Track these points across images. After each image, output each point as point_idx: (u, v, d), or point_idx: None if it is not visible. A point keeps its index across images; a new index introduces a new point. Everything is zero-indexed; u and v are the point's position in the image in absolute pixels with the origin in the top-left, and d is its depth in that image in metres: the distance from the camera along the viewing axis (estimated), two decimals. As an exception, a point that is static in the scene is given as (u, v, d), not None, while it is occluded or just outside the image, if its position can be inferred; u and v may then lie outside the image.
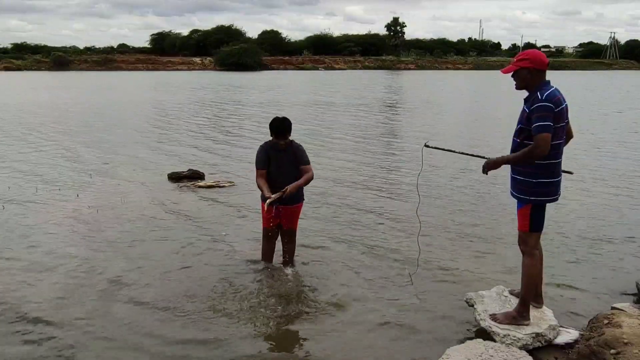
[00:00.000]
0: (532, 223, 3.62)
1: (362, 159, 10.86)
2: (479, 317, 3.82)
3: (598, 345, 3.47)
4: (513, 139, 3.68)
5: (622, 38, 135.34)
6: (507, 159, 3.61)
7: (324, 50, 78.94)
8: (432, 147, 4.44)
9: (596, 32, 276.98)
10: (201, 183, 8.51)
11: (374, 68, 71.54)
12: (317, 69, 68.91)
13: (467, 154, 4.54)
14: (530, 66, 3.51)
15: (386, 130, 15.78)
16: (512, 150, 3.68)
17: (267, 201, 4.47)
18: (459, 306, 4.29)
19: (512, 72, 3.61)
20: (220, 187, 8.38)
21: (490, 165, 3.70)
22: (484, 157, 4.23)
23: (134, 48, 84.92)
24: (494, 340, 3.48)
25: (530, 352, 3.41)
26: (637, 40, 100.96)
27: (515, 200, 3.73)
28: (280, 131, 4.63)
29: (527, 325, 3.65)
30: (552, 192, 3.60)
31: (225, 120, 17.72)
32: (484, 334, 3.66)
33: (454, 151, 4.50)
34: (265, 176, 4.69)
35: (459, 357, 2.93)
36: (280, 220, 4.85)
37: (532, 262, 3.67)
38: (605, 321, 3.76)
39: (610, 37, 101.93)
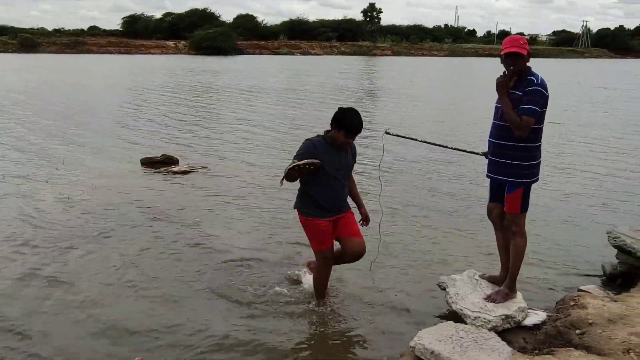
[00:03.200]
0: (523, 204, 3.72)
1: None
2: (451, 300, 3.89)
3: (564, 326, 3.57)
4: (493, 122, 3.75)
5: (594, 27, 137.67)
6: (507, 107, 3.56)
7: (300, 35, 78.30)
8: (392, 135, 4.46)
9: (568, 20, 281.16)
10: (175, 168, 8.42)
11: (350, 54, 71.26)
12: (293, 54, 68.34)
13: (428, 142, 4.58)
14: (529, 51, 3.60)
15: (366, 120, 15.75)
16: (492, 132, 3.74)
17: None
18: (431, 290, 4.35)
19: (514, 56, 3.56)
20: (194, 172, 8.30)
21: (499, 88, 3.62)
22: (445, 146, 4.31)
23: (105, 31, 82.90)
24: (465, 323, 3.55)
25: (499, 333, 3.47)
26: (608, 29, 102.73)
27: (490, 185, 3.79)
28: (358, 127, 3.71)
29: (515, 297, 3.83)
30: (537, 172, 3.73)
31: (199, 105, 17.51)
32: (456, 317, 3.73)
33: (415, 139, 4.52)
34: None
35: (430, 338, 2.98)
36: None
37: (523, 241, 3.80)
38: (572, 303, 3.86)
39: (583, 26, 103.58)
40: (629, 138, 12.45)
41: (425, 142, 4.63)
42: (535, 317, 3.80)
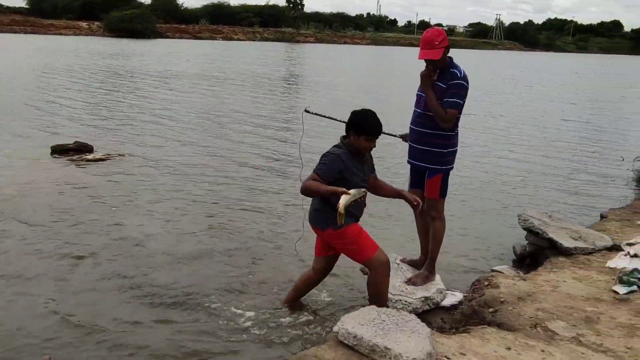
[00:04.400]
0: (442, 190, 3.86)
1: (249, 136, 10.76)
2: (373, 284, 3.96)
3: (479, 305, 3.75)
4: (414, 110, 3.83)
5: (506, 20, 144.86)
6: (432, 99, 3.64)
7: (222, 20, 76.51)
8: (312, 113, 4.46)
9: (483, 13, 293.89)
10: (89, 156, 7.99)
11: (273, 40, 70.65)
12: (215, 38, 66.65)
13: (343, 122, 4.60)
14: (448, 44, 3.65)
15: (279, 106, 15.69)
16: (414, 120, 3.83)
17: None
18: (354, 275, 4.42)
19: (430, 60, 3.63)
20: (111, 159, 7.92)
21: (423, 81, 3.70)
22: None
23: (8, 8, 76.87)
24: (387, 306, 3.63)
25: (419, 315, 3.59)
26: (518, 23, 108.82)
27: (409, 173, 3.88)
28: (379, 128, 3.38)
29: (434, 280, 3.97)
30: (454, 160, 3.88)
31: (114, 90, 16.68)
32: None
33: (335, 119, 4.54)
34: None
35: (353, 323, 3.02)
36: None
37: (442, 225, 3.94)
38: (486, 283, 4.06)
39: (496, 19, 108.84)
40: (533, 128, 13.25)
41: (344, 122, 4.64)
42: (453, 297, 3.97)
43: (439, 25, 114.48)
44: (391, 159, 8.52)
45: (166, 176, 7.25)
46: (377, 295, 3.50)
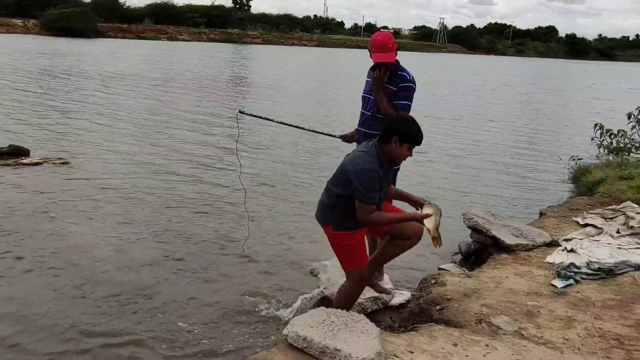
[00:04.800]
0: None
1: (188, 138, 10.58)
2: (323, 285, 3.98)
3: (426, 303, 3.82)
4: (362, 112, 3.87)
5: (449, 24, 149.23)
6: (384, 101, 3.69)
7: (167, 20, 74.86)
8: (247, 114, 4.44)
9: (427, 16, 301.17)
10: (26, 160, 7.62)
11: (220, 41, 69.73)
12: (159, 39, 65.07)
13: (284, 124, 4.61)
14: (396, 47, 3.73)
15: (222, 107, 15.46)
16: (362, 122, 3.86)
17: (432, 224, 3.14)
18: (303, 277, 4.42)
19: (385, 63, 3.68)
20: (48, 163, 7.58)
21: (375, 83, 3.72)
22: (302, 128, 4.38)
23: None
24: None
25: (369, 314, 3.62)
26: (461, 27, 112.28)
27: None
28: (422, 138, 3.19)
29: (382, 280, 4.01)
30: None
31: (50, 91, 15.97)
32: (329, 302, 3.81)
33: (271, 119, 4.53)
34: None
35: (302, 325, 3.01)
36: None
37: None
38: (433, 281, 4.14)
39: (440, 23, 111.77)
40: (476, 129, 13.68)
41: (281, 122, 4.59)
42: (401, 296, 4.03)
43: (385, 27, 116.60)
44: (335, 161, 8.59)
45: (106, 180, 7.00)
46: (345, 304, 3.44)
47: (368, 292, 3.85)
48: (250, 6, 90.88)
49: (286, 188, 7.03)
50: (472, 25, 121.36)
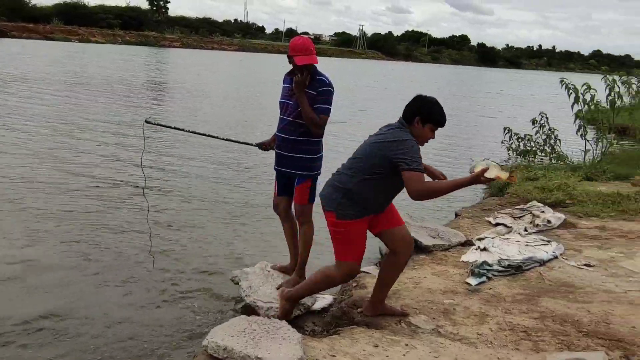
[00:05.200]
0: (311, 195, 3.89)
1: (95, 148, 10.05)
2: (244, 293, 3.91)
3: (348, 306, 3.86)
4: (281, 117, 3.85)
5: (368, 31, 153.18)
6: (306, 105, 3.68)
7: (77, 20, 71.25)
8: (153, 124, 4.33)
9: (346, 23, 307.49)
10: None
11: (136, 44, 67.38)
12: (69, 40, 61.84)
13: (196, 133, 4.52)
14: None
15: (133, 114, 14.81)
16: (282, 128, 3.84)
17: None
18: (224, 285, 4.33)
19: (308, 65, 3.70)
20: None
21: (297, 87, 3.68)
22: (216, 137, 4.33)
23: None
24: (259, 314, 3.60)
25: (291, 320, 3.60)
26: (380, 34, 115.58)
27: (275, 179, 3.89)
28: (445, 119, 3.24)
29: None
30: (321, 165, 3.95)
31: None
32: (252, 310, 3.76)
33: (181, 129, 4.43)
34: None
35: (223, 335, 2.94)
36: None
37: (311, 230, 3.96)
38: (354, 284, 4.20)
39: (359, 29, 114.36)
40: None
41: (193, 132, 4.48)
42: (323, 301, 4.04)
43: (306, 33, 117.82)
44: (257, 168, 8.56)
45: (7, 191, 6.49)
46: (315, 286, 3.47)
47: (290, 298, 3.83)
48: (167, 8, 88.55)
49: (207, 206, 6.55)
50: (390, 32, 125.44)
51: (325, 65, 4.07)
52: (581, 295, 3.98)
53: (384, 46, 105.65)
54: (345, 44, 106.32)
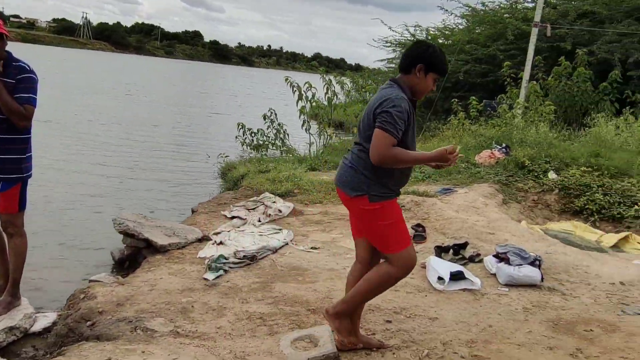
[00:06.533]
0: (21, 202, 3.42)
1: None
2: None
3: (75, 321, 3.49)
4: None
5: (94, 20, 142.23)
6: (7, 96, 3.18)
7: None
8: None
9: (67, 9, 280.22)
10: None
11: None
12: None
13: None
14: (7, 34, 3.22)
15: None
16: None
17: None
18: None
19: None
20: None
21: None
22: None
23: None
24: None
25: (4, 348, 3.10)
26: (107, 24, 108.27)
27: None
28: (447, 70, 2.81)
29: (20, 305, 3.52)
30: (32, 165, 3.51)
31: None
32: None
33: None
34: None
35: None
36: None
37: (23, 242, 3.49)
38: (82, 295, 3.82)
39: (83, 17, 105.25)
40: (124, 133, 13.39)
41: None
42: (45, 319, 3.60)
43: (16, 16, 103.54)
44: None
45: None
46: (373, 292, 2.91)
47: (3, 322, 3.29)
48: None
49: None
50: (118, 23, 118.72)
51: (44, 53, 3.59)
52: (309, 276, 4.36)
53: (112, 37, 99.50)
54: (67, 32, 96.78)
